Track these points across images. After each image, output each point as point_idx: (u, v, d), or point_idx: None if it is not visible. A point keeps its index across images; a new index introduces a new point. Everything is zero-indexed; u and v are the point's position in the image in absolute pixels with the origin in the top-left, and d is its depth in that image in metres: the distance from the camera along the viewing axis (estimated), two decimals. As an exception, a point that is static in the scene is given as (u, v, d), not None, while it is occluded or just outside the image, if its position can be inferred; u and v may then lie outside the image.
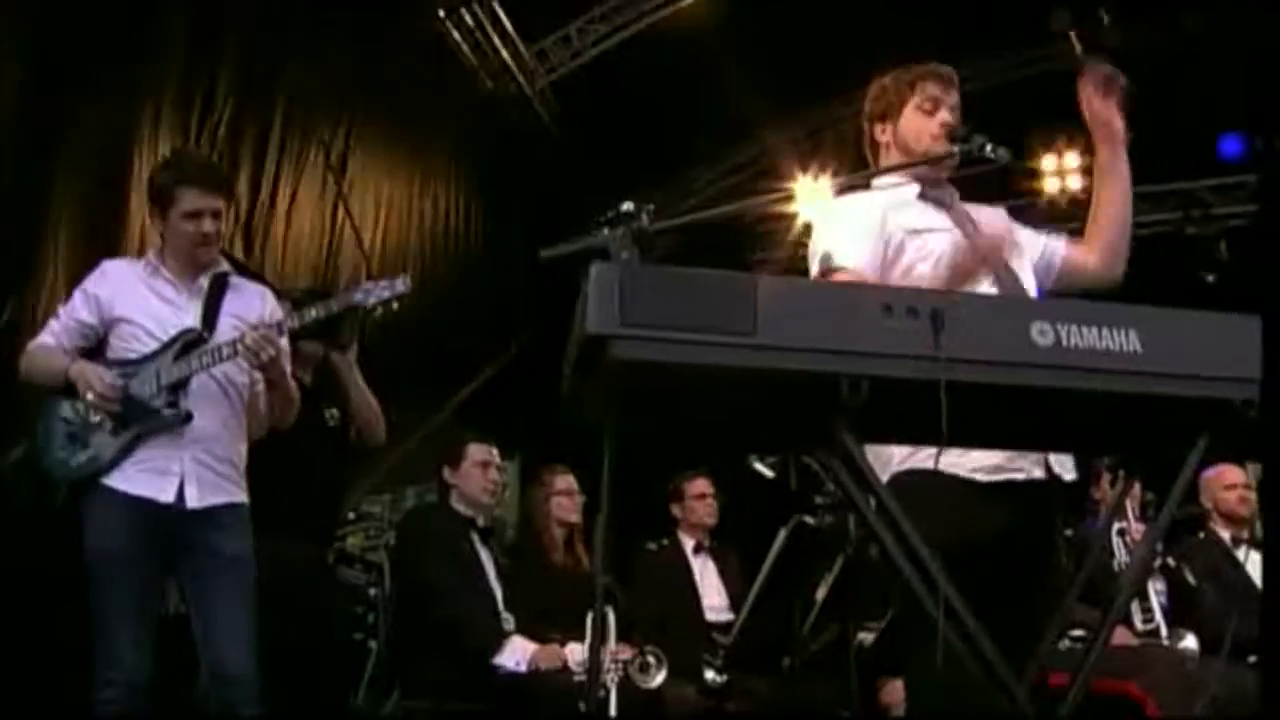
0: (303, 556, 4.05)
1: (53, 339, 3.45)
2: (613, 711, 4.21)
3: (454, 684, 4.23)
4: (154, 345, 3.39)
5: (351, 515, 5.84)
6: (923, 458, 2.45)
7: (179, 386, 3.34)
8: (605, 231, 2.16)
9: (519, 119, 7.99)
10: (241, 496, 3.44)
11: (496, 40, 7.50)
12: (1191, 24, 7.73)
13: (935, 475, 2.30)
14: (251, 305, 3.54)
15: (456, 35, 7.34)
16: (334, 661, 4.71)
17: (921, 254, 2.60)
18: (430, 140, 7.47)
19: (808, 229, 4.40)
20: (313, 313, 3.41)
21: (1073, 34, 7.55)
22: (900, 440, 2.19)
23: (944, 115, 2.76)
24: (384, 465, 6.06)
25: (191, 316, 3.44)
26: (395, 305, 3.46)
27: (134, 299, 3.43)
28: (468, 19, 7.32)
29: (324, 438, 4.18)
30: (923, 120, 2.78)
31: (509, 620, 4.40)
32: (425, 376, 6.71)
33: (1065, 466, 2.60)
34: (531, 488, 5.13)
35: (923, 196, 2.78)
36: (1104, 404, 1.86)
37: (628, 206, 2.38)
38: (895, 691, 4.49)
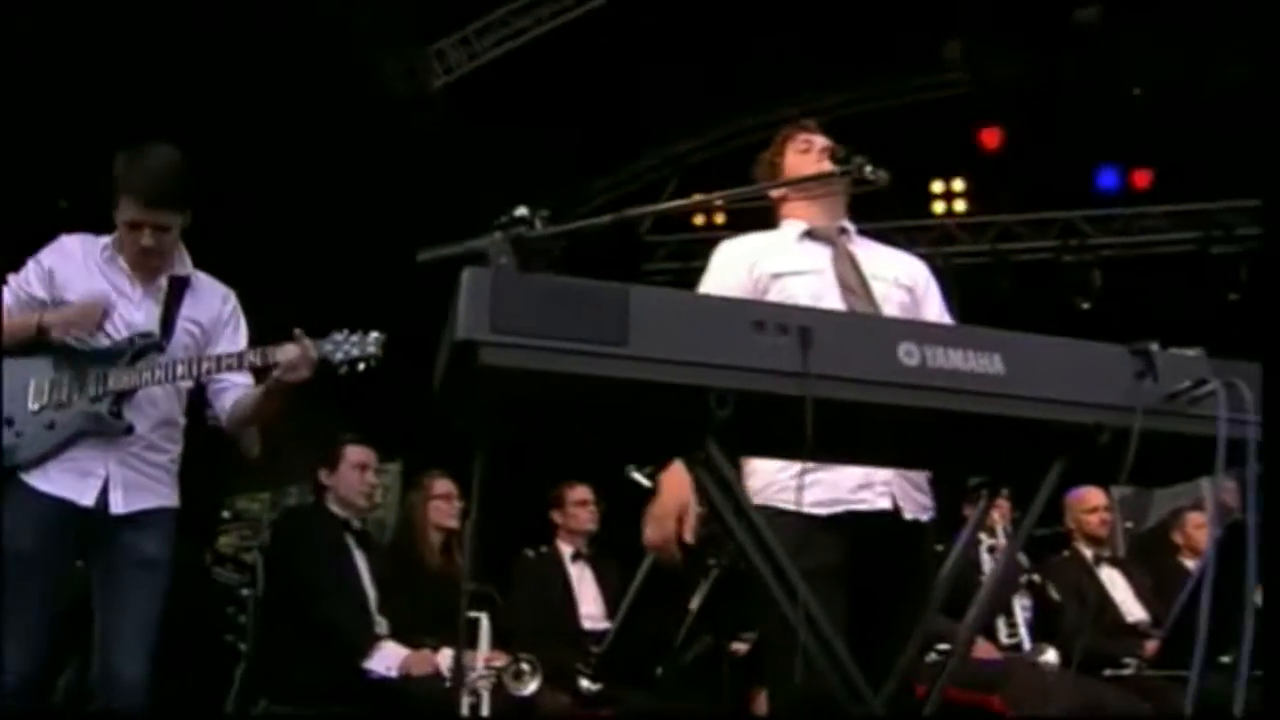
0: (181, 556, 3.94)
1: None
2: (484, 717, 4.18)
3: (323, 688, 4.15)
4: (105, 341, 3.21)
5: (226, 515, 5.72)
6: (768, 496, 2.57)
7: (125, 395, 3.18)
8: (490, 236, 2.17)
9: (415, 118, 7.92)
10: (170, 501, 3.30)
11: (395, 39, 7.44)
12: (1072, 61, 8.00)
13: (779, 514, 2.43)
14: (210, 307, 3.38)
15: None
16: (206, 664, 4.60)
17: (781, 297, 2.70)
18: (324, 135, 7.35)
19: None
20: (278, 355, 3.21)
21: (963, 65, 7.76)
22: (768, 454, 2.22)
23: (820, 146, 2.92)
24: (264, 464, 5.94)
25: (145, 315, 3.27)
26: (362, 368, 3.29)
27: (88, 285, 3.24)
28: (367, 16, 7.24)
29: (203, 435, 4.06)
30: (803, 156, 2.95)
31: (382, 624, 4.34)
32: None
33: (915, 503, 2.72)
34: (411, 491, 5.08)
35: (808, 234, 2.90)
36: (966, 425, 1.90)
37: (521, 212, 2.37)
38: (761, 699, 4.54)
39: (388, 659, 4.19)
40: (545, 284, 1.74)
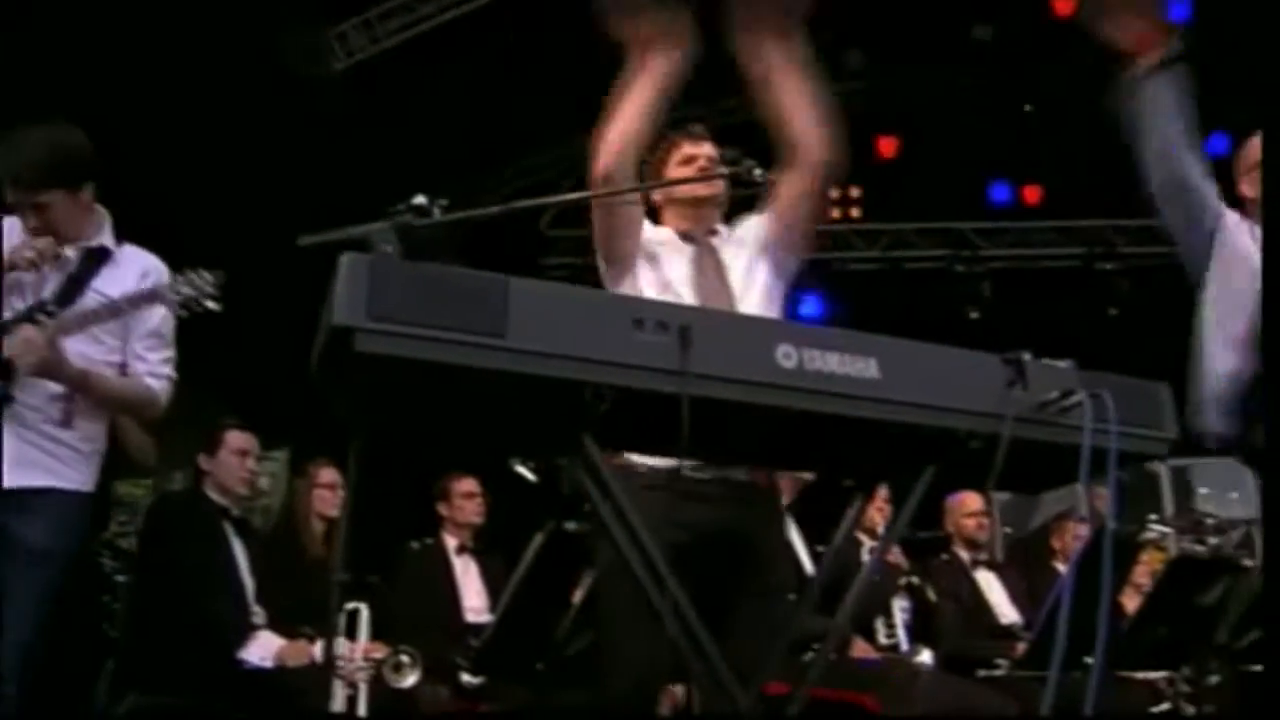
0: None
1: None
2: (361, 711, 4.13)
3: (196, 679, 4.06)
4: (8, 313, 3.09)
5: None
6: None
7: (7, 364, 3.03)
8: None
9: (316, 101, 7.79)
10: (70, 483, 3.14)
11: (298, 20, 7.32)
12: (969, 76, 8.18)
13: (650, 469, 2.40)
14: (124, 281, 3.23)
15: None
16: (81, 655, 4.47)
17: (642, 280, 2.73)
18: (225, 116, 7.19)
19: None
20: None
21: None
22: (644, 451, 2.23)
23: (702, 161, 2.95)
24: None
25: (52, 287, 3.15)
26: (202, 308, 3.21)
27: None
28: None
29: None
30: (683, 169, 2.97)
31: (259, 614, 4.26)
32: (197, 358, 6.44)
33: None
34: (296, 479, 4.99)
35: (684, 237, 2.94)
36: (841, 427, 1.93)
37: (419, 200, 2.35)
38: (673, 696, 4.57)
39: (263, 649, 4.12)
40: (425, 273, 1.73)
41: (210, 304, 3.22)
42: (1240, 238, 3.11)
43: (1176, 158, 3.10)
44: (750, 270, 2.85)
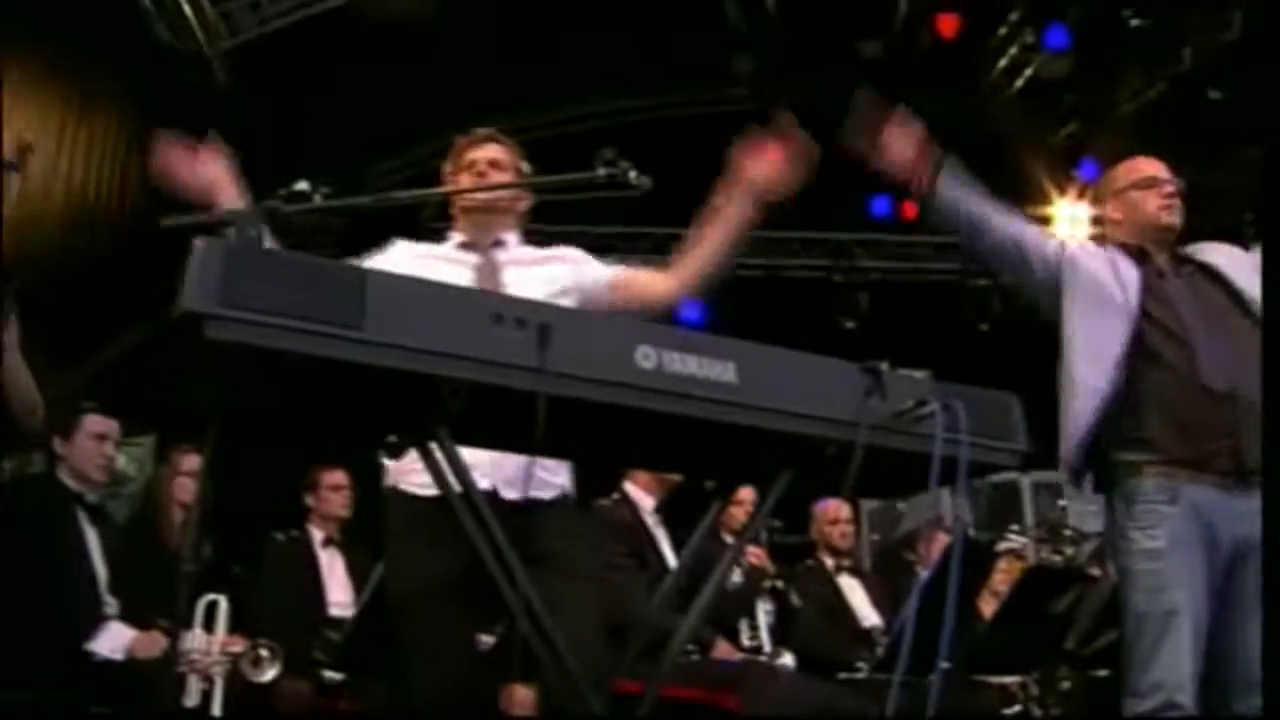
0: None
1: None
2: (216, 706, 4.04)
3: (44, 671, 3.92)
4: None
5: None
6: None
7: None
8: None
9: (196, 78, 7.59)
10: None
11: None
12: (855, 88, 8.30)
13: (394, 491, 2.56)
14: None
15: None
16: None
17: None
18: (91, 85, 6.96)
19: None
20: None
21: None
22: (500, 447, 2.23)
23: (481, 165, 2.96)
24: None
25: None
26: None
27: None
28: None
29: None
30: (465, 176, 2.98)
31: (111, 604, 4.13)
32: (65, 340, 6.22)
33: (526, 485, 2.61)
34: (158, 467, 4.86)
35: (462, 246, 2.95)
36: (698, 430, 1.95)
37: (302, 185, 2.31)
38: (514, 695, 4.55)
39: (114, 640, 4.00)
40: (282, 260, 1.70)
41: None
42: (1090, 262, 3.21)
43: (988, 227, 3.25)
44: (553, 300, 2.76)
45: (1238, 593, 2.97)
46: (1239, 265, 3.22)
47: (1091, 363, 3.06)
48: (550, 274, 2.90)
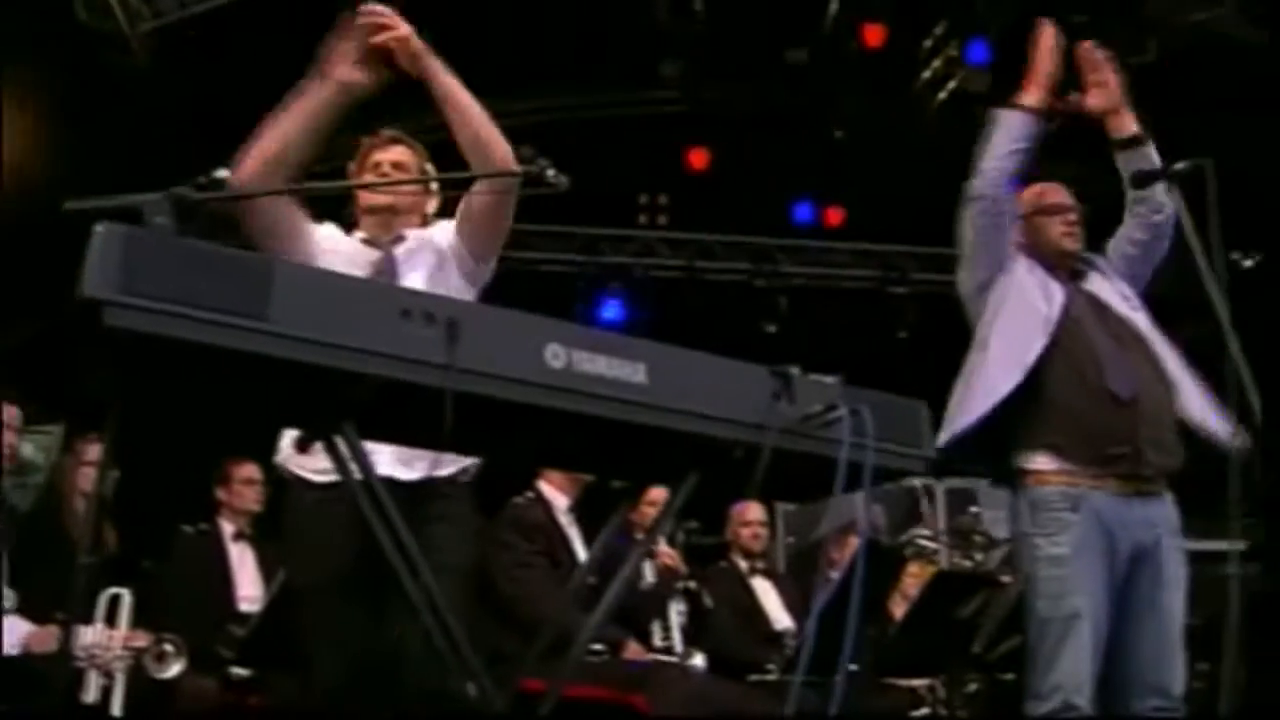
0: None
1: None
2: (117, 702, 3.95)
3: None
4: None
5: None
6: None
7: None
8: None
9: (114, 60, 7.41)
10: None
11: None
12: (782, 96, 8.39)
13: (291, 476, 2.55)
14: None
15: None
16: None
17: None
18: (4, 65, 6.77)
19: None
20: None
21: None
22: (406, 442, 2.22)
23: (385, 167, 2.97)
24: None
25: None
26: None
27: None
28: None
29: None
30: (370, 177, 2.98)
31: (9, 597, 4.03)
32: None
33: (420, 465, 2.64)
34: (63, 456, 4.75)
35: (365, 242, 2.95)
36: (607, 430, 1.96)
37: (222, 173, 2.27)
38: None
39: (10, 634, 3.89)
40: (187, 248, 1.67)
41: None
42: (1024, 272, 3.31)
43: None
44: (435, 274, 2.84)
45: (1134, 598, 3.08)
46: (1109, 280, 3.37)
47: (1003, 368, 3.14)
48: (431, 257, 2.91)
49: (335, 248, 2.89)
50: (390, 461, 2.52)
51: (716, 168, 8.65)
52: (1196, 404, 3.16)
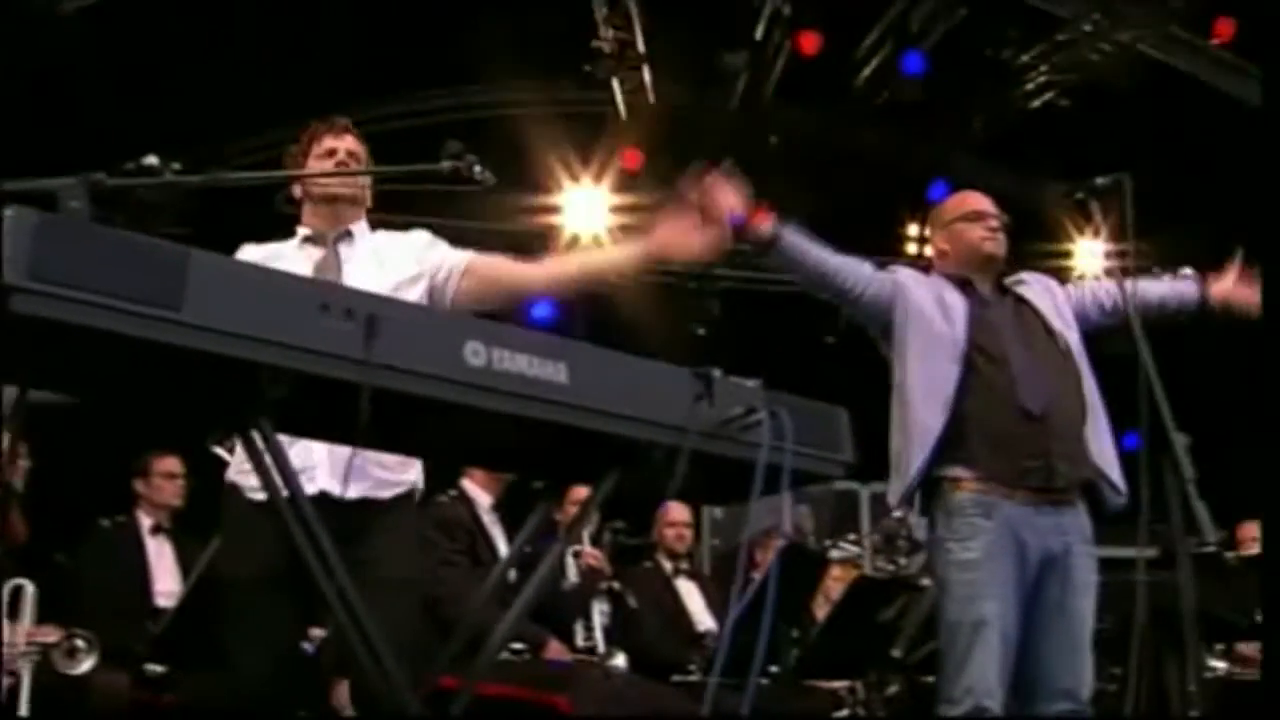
0: None
1: None
2: (23, 700, 3.86)
3: None
4: None
5: None
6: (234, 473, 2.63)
7: None
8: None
9: (41, 36, 7.24)
10: None
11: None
12: (718, 100, 8.43)
13: (233, 490, 2.53)
14: None
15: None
16: None
17: None
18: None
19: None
20: None
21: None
22: (322, 438, 2.20)
23: (341, 155, 2.93)
24: None
25: None
26: None
27: None
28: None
29: None
30: (320, 163, 2.92)
31: (-86, 591, 3.92)
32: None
33: (362, 484, 2.64)
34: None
35: (307, 239, 2.92)
36: (526, 429, 1.95)
37: (151, 160, 2.23)
38: (340, 692, 4.48)
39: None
40: (99, 235, 1.64)
41: None
42: (918, 291, 3.35)
43: (826, 268, 3.42)
44: (400, 290, 2.74)
45: (1044, 604, 3.14)
46: (1050, 298, 3.41)
47: (928, 405, 3.19)
48: (397, 262, 2.85)
49: (273, 256, 2.82)
50: (332, 480, 2.52)
51: (651, 167, 8.63)
52: (1103, 449, 3.23)
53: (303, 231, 2.94)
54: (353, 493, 2.49)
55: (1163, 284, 3.48)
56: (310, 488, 2.52)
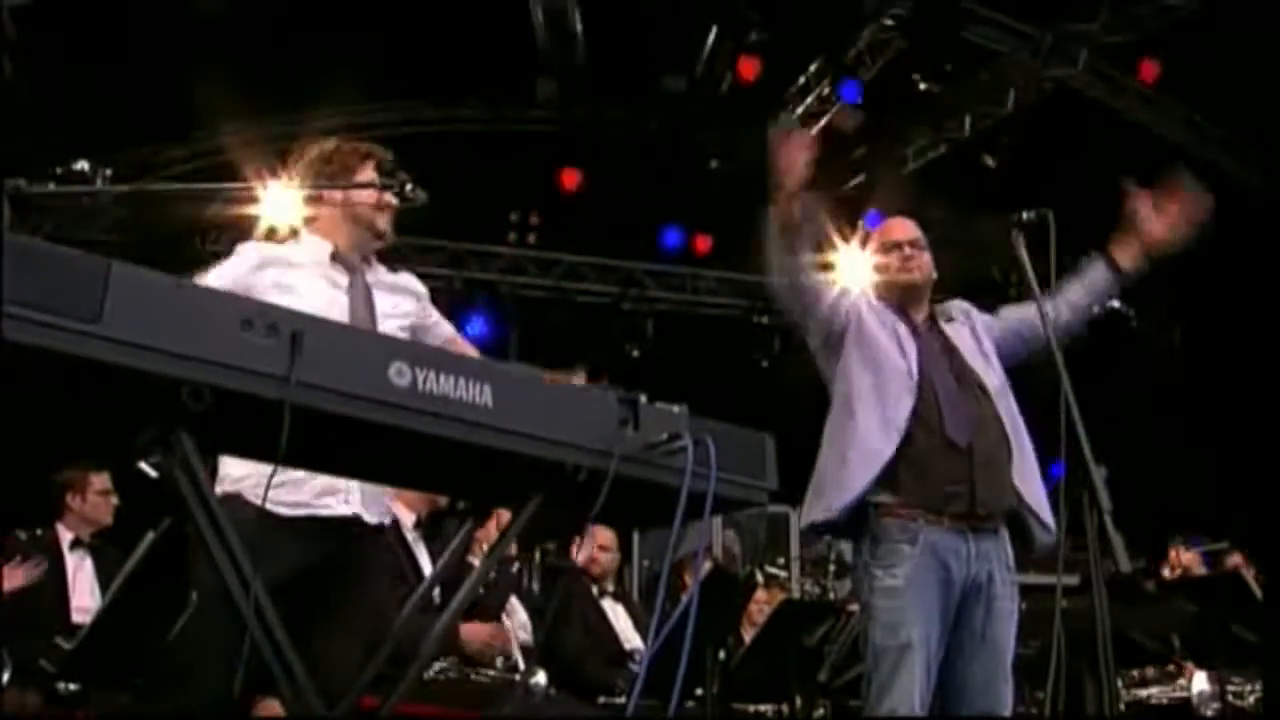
0: None
1: None
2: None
3: None
4: None
5: None
6: (246, 486, 2.57)
7: None
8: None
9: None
10: None
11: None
12: (659, 123, 8.49)
13: (242, 503, 2.45)
14: None
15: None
16: None
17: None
18: None
19: (270, 232, 4.36)
20: None
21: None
22: (244, 454, 2.18)
23: (389, 196, 2.88)
24: None
25: None
26: None
27: None
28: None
29: None
30: (370, 195, 2.90)
31: None
32: None
33: (380, 508, 2.83)
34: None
35: (334, 257, 2.90)
36: (450, 450, 1.94)
37: (82, 165, 2.20)
38: (270, 709, 4.40)
39: None
40: (15, 247, 1.61)
41: None
42: (870, 317, 3.39)
43: (803, 268, 3.41)
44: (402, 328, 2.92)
45: (966, 629, 3.18)
46: (973, 340, 3.46)
47: (879, 432, 3.21)
48: (403, 305, 2.95)
49: (286, 260, 2.84)
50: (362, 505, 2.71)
51: (588, 189, 8.68)
52: (1032, 490, 3.28)
53: (323, 245, 2.90)
54: (375, 518, 2.73)
55: (1073, 283, 3.51)
56: (344, 509, 2.67)
